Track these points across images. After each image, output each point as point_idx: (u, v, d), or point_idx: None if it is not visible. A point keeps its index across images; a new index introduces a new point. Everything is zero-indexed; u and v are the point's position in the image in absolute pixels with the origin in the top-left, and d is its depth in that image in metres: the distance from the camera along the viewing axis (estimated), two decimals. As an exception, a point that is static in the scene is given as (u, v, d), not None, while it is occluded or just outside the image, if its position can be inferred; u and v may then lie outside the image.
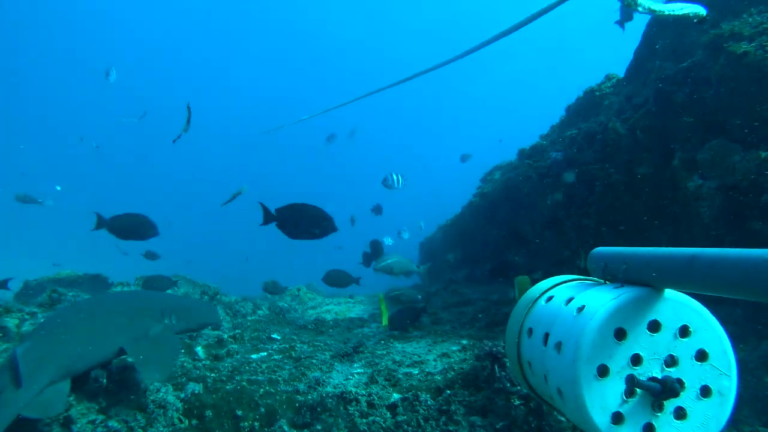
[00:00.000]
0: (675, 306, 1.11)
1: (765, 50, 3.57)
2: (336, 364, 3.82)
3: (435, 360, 3.62)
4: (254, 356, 4.20)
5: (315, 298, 7.82)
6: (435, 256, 10.29)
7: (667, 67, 4.63)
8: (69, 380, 2.53)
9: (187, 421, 2.81)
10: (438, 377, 3.18)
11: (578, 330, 1.11)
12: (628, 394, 1.08)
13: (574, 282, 1.41)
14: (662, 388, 1.05)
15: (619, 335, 1.09)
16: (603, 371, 1.08)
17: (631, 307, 1.10)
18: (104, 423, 2.81)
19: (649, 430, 1.08)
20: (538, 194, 6.29)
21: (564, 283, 1.41)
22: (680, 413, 1.09)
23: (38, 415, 2.30)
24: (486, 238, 7.99)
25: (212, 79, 45.99)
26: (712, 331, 1.12)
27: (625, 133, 4.63)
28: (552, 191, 5.90)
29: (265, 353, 4.31)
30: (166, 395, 2.92)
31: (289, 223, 4.08)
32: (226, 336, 4.64)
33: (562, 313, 1.24)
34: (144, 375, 2.73)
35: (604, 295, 1.15)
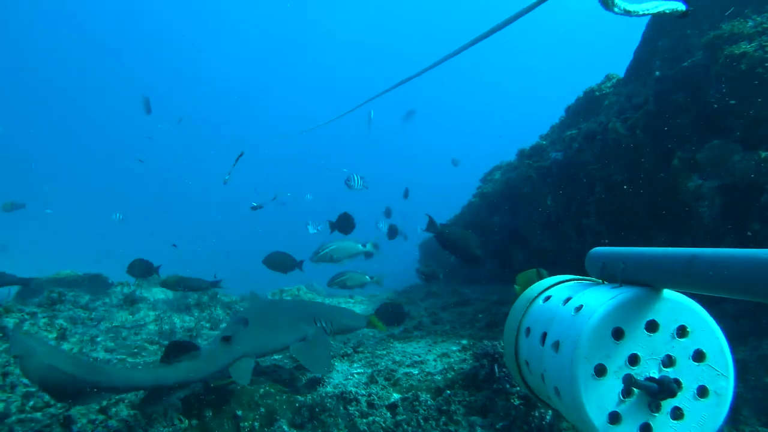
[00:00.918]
0: (673, 306, 1.11)
1: (765, 50, 3.57)
2: (336, 363, 3.82)
3: (435, 360, 3.62)
4: (254, 356, 4.20)
5: (315, 298, 7.84)
6: (435, 256, 10.30)
7: (667, 66, 4.63)
8: (255, 359, 3.15)
9: (187, 421, 2.81)
10: (438, 377, 3.18)
11: (576, 329, 1.11)
12: (626, 393, 1.08)
13: (572, 282, 1.40)
14: (659, 388, 1.04)
15: (617, 335, 1.08)
16: (600, 371, 1.07)
17: (629, 307, 1.10)
18: (104, 423, 2.82)
19: (647, 430, 1.08)
20: (538, 194, 6.29)
21: (562, 283, 1.41)
22: (677, 413, 1.09)
23: (236, 377, 2.87)
24: (486, 238, 7.99)
25: (212, 81, 45.98)
26: (709, 332, 1.12)
27: (625, 133, 4.63)
28: (552, 191, 5.90)
29: (265, 353, 4.31)
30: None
31: (448, 243, 5.10)
32: (226, 336, 4.63)
33: (560, 312, 1.24)
34: (310, 370, 3.27)
35: (602, 295, 1.15)
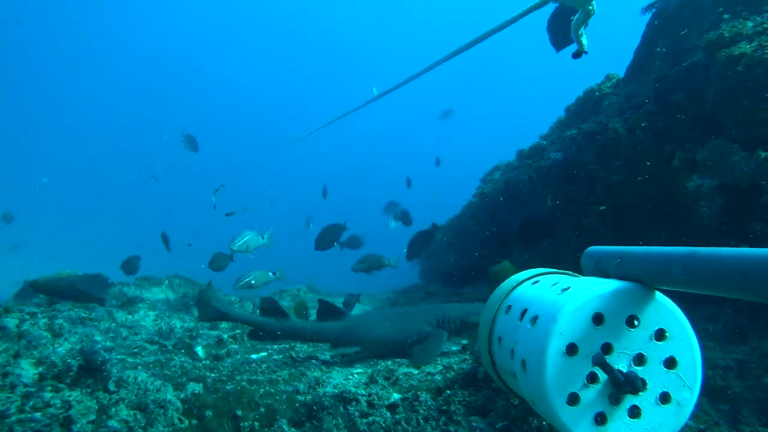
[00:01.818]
0: (658, 308, 1.11)
1: (764, 50, 3.57)
2: (336, 364, 3.82)
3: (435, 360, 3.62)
4: (254, 356, 4.20)
5: (315, 297, 7.83)
6: (435, 256, 10.30)
7: (667, 67, 4.63)
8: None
9: (187, 421, 2.81)
10: (438, 377, 3.18)
11: (558, 306, 1.11)
12: (590, 379, 1.08)
13: (566, 275, 1.42)
14: (624, 380, 1.05)
15: (597, 320, 1.09)
16: (572, 349, 1.08)
17: (615, 297, 1.10)
18: (104, 423, 2.82)
19: (601, 419, 1.08)
20: (538, 194, 6.29)
21: (555, 274, 1.42)
22: (635, 412, 1.09)
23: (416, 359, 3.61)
24: (485, 238, 7.99)
25: (211, 81, 45.96)
26: (687, 342, 1.12)
27: (625, 133, 4.63)
28: (552, 191, 5.90)
29: (265, 353, 4.31)
30: (166, 394, 2.92)
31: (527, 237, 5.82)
32: (226, 336, 4.64)
33: (546, 292, 1.25)
34: (416, 360, 3.64)
35: (591, 282, 1.16)
